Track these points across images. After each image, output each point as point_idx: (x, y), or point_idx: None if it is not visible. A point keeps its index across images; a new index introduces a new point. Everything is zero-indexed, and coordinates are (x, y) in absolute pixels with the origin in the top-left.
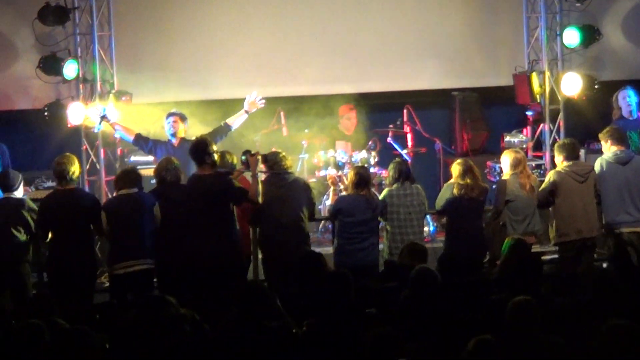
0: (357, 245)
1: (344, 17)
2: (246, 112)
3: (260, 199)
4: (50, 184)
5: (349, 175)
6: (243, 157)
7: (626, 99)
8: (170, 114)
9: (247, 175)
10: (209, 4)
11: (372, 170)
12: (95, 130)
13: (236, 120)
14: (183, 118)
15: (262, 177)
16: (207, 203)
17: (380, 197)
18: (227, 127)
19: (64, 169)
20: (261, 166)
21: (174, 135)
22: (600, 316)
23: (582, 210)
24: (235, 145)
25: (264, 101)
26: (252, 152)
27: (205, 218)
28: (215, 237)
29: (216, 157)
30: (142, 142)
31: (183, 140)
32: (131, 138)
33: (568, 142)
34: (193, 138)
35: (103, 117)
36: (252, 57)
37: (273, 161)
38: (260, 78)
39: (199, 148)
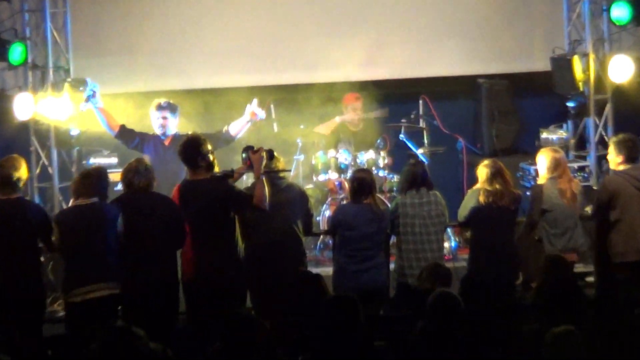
0: (361, 265)
1: (354, 4)
2: (248, 121)
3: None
4: None
5: (347, 180)
6: (244, 155)
7: None
8: (159, 108)
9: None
10: None
11: (381, 174)
12: (81, 109)
13: (236, 127)
14: (173, 109)
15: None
16: (202, 213)
17: (391, 206)
18: (229, 136)
19: (8, 173)
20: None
21: (164, 134)
22: None
23: None
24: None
25: (264, 113)
26: (255, 149)
27: (200, 232)
28: (213, 254)
29: (212, 157)
30: (128, 137)
31: (175, 137)
32: (115, 131)
33: (630, 138)
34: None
35: (90, 96)
36: (236, 39)
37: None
38: (246, 63)
39: (191, 148)
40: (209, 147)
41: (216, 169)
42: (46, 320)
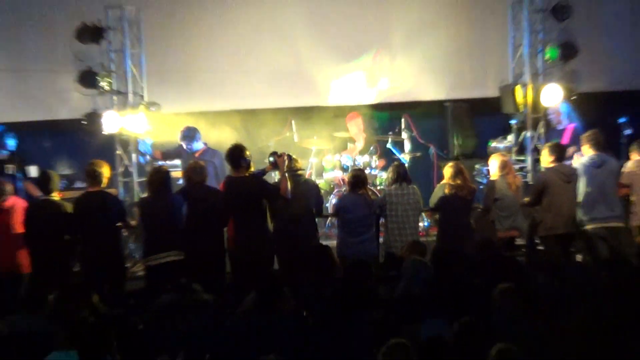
0: (357, 239)
1: (350, 39)
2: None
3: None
4: (81, 184)
5: (347, 177)
6: (271, 158)
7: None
8: (180, 139)
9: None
10: (228, 23)
11: (373, 172)
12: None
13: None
14: (190, 136)
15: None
16: (244, 202)
17: (381, 196)
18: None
19: (93, 169)
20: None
21: (190, 149)
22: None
23: (568, 207)
24: (252, 151)
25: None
26: (279, 153)
27: (242, 215)
28: (252, 232)
29: (249, 160)
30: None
31: (205, 150)
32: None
33: (558, 144)
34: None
35: (144, 154)
36: (267, 72)
37: (292, 163)
38: (274, 90)
39: (235, 154)
40: (247, 153)
41: (252, 169)
42: (128, 279)
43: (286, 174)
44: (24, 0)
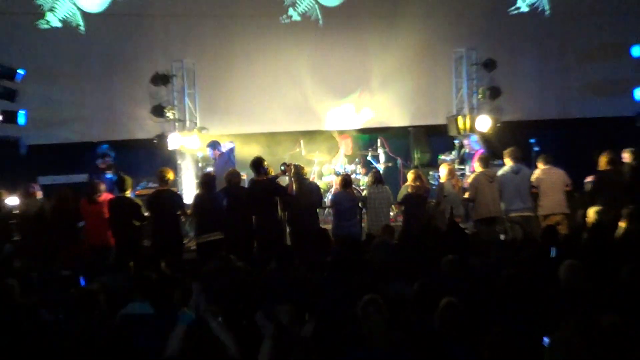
0: (346, 223)
1: (342, 81)
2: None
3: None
4: (153, 185)
5: (339, 179)
6: (282, 167)
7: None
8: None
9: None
10: (255, 70)
11: (358, 177)
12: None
13: None
14: (211, 146)
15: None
16: (263, 197)
17: (364, 194)
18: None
19: (163, 175)
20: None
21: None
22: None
23: (492, 199)
24: (271, 162)
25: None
26: (287, 164)
27: (261, 206)
28: (268, 218)
29: (268, 168)
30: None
31: (223, 154)
32: None
33: (485, 156)
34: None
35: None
36: (283, 105)
37: (298, 170)
38: (288, 118)
39: (257, 163)
40: (265, 163)
41: (271, 173)
42: (185, 251)
43: (292, 178)
44: (114, 56)
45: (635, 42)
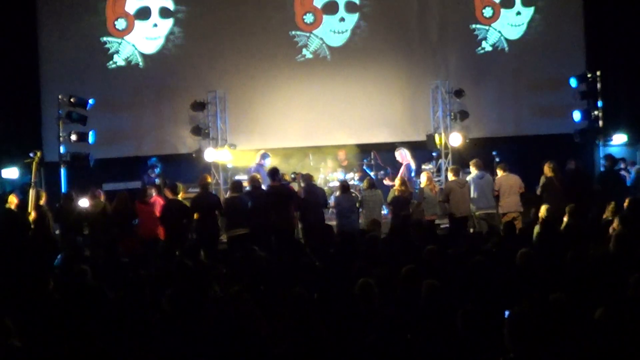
0: (346, 220)
1: (343, 106)
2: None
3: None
4: (194, 190)
5: (339, 185)
6: (292, 176)
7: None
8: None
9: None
10: (273, 97)
11: (355, 183)
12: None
13: None
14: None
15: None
16: (279, 199)
17: (360, 196)
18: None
19: (205, 181)
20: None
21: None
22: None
23: (462, 201)
24: (286, 170)
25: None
26: (297, 173)
27: (278, 207)
28: (283, 216)
29: (284, 176)
30: None
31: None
32: None
33: (456, 167)
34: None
35: None
36: (295, 125)
37: (308, 178)
38: (299, 135)
39: (273, 172)
40: (281, 173)
41: (287, 178)
42: (220, 243)
43: (302, 184)
44: (162, 87)
45: (572, 74)
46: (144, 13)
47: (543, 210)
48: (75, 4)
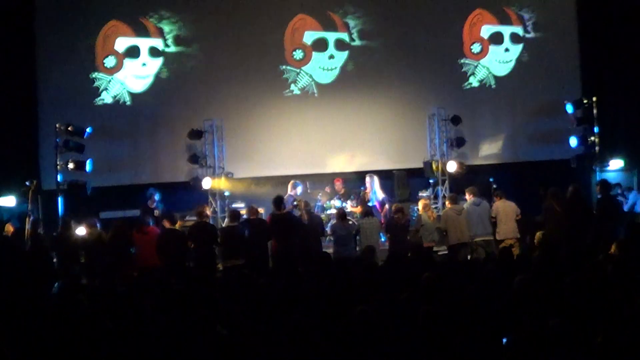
0: (343, 248)
1: (339, 134)
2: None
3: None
4: (191, 218)
5: (336, 213)
6: (295, 203)
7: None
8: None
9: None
10: (268, 126)
11: (351, 210)
12: None
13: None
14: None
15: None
16: (284, 227)
17: (357, 224)
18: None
19: (202, 210)
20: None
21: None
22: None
23: (460, 229)
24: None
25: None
26: (298, 200)
27: (283, 234)
28: (288, 243)
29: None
30: None
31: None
32: None
33: (453, 195)
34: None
35: None
36: (291, 154)
37: (306, 205)
38: (295, 164)
39: (278, 200)
40: (284, 201)
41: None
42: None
43: (303, 211)
44: (159, 116)
45: (568, 100)
46: (133, 52)
47: (538, 236)
48: (71, 37)
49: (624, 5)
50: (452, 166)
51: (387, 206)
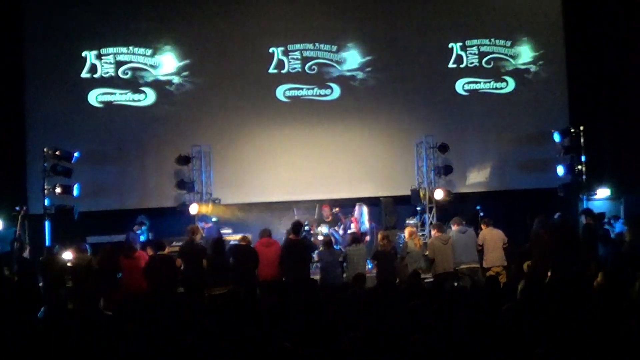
0: (330, 274)
1: (329, 162)
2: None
3: None
4: (177, 244)
5: (322, 240)
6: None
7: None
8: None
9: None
10: (257, 154)
11: (339, 237)
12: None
13: None
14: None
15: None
16: (301, 253)
17: (344, 252)
18: None
19: (195, 229)
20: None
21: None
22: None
23: (446, 257)
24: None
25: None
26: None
27: (299, 259)
28: (304, 269)
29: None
30: None
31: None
32: None
33: (439, 224)
34: None
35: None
36: (280, 181)
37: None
38: (285, 189)
39: (299, 226)
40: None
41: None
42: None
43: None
44: (146, 142)
45: (556, 129)
46: (127, 80)
47: (526, 265)
48: (60, 62)
49: (612, 35)
50: (439, 194)
51: (367, 238)
